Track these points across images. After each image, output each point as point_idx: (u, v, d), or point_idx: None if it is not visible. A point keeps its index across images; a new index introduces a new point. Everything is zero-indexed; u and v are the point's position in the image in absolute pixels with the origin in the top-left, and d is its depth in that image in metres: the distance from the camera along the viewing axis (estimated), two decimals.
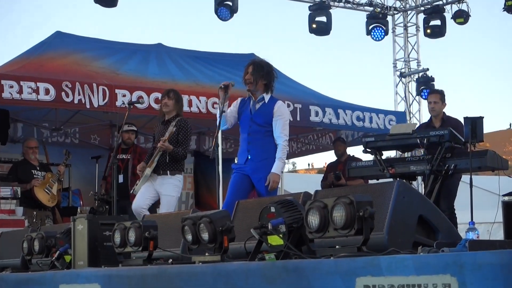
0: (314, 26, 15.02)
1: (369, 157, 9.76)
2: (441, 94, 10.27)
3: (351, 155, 12.56)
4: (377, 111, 13.33)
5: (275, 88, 7.84)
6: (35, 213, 10.79)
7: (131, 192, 9.51)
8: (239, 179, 7.62)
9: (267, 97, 7.68)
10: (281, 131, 7.60)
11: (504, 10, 14.25)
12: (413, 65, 16.31)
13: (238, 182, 7.61)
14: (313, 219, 4.55)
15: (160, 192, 8.91)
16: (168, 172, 8.88)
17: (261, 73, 7.61)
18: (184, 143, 8.93)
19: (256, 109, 7.65)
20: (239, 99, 7.80)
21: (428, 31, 15.38)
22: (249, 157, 7.56)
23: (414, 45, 16.31)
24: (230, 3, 14.12)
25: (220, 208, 7.60)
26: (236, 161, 7.87)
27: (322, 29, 15.09)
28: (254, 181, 7.60)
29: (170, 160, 8.83)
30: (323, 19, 15.04)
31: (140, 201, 8.82)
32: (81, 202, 12.32)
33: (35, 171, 11.21)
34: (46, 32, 19.16)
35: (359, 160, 11.43)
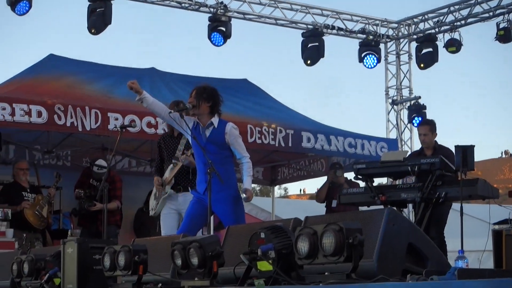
0: (308, 62, 15.11)
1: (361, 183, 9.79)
2: (431, 125, 10.21)
3: (349, 178, 12.49)
4: (369, 138, 13.36)
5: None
6: (25, 235, 10.77)
7: (151, 214, 9.14)
8: (198, 209, 7.58)
9: (215, 120, 7.59)
10: (241, 153, 7.63)
11: (496, 40, 14.35)
12: (405, 92, 16.35)
13: (197, 212, 7.59)
14: (303, 246, 4.56)
15: (182, 210, 8.49)
16: (189, 188, 8.56)
17: (203, 95, 7.55)
18: None
19: (207, 136, 7.56)
20: (193, 120, 7.63)
21: (422, 65, 15.47)
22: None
23: (406, 73, 16.36)
24: (224, 29, 14.16)
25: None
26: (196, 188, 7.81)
27: (314, 56, 15.15)
28: (215, 212, 7.60)
29: (192, 175, 8.47)
30: (316, 45, 15.11)
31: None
32: (72, 225, 12.27)
33: (26, 193, 11.17)
34: (40, 55, 19.16)
35: (357, 184, 11.45)
